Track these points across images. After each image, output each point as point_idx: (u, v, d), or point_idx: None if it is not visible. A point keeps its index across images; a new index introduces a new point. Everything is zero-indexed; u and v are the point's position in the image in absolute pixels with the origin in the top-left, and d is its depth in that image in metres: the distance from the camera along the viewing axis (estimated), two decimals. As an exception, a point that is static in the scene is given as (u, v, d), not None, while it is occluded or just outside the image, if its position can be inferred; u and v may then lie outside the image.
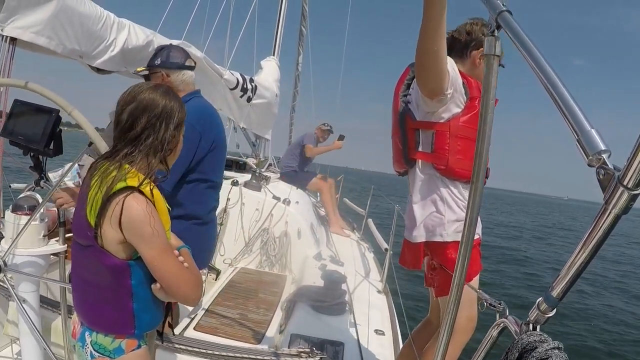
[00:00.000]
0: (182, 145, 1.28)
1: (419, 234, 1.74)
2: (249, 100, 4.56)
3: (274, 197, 4.02)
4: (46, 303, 1.82)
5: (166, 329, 1.38)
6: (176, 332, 2.17)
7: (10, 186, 2.46)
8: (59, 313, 1.77)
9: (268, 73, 5.41)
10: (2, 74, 2.04)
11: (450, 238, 1.69)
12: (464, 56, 1.80)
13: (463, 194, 1.72)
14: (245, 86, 4.37)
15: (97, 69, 2.61)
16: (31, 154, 1.75)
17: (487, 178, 1.67)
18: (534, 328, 0.79)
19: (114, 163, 1.11)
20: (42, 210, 1.58)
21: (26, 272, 1.56)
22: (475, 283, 1.79)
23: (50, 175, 1.92)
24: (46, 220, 1.63)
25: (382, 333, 2.47)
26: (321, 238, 4.37)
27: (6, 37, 2.04)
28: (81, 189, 1.20)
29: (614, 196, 0.62)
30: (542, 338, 0.74)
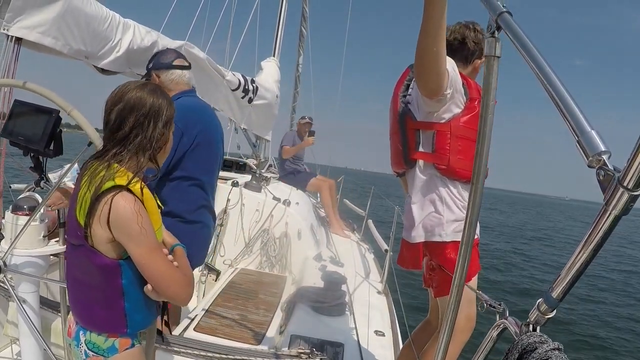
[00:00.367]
0: None
1: (418, 234, 1.74)
2: (250, 101, 4.56)
3: (274, 198, 4.02)
4: (46, 304, 1.82)
5: (163, 328, 1.38)
6: (176, 333, 2.16)
7: (10, 187, 2.46)
8: (59, 314, 1.76)
9: (268, 74, 5.40)
10: (7, 75, 2.03)
11: (449, 238, 1.70)
12: (467, 62, 1.83)
13: (462, 194, 1.72)
14: (246, 87, 4.36)
15: (102, 70, 2.60)
16: (31, 155, 1.75)
17: (486, 178, 1.67)
18: (534, 329, 0.79)
19: (103, 163, 1.10)
20: (42, 210, 1.58)
21: (26, 273, 1.56)
22: (473, 283, 1.79)
23: (50, 175, 1.92)
24: (46, 220, 1.62)
25: (382, 334, 2.46)
26: (321, 239, 4.37)
27: (11, 37, 2.02)
28: (74, 189, 1.20)
29: (614, 197, 0.62)
30: (542, 339, 0.74)
